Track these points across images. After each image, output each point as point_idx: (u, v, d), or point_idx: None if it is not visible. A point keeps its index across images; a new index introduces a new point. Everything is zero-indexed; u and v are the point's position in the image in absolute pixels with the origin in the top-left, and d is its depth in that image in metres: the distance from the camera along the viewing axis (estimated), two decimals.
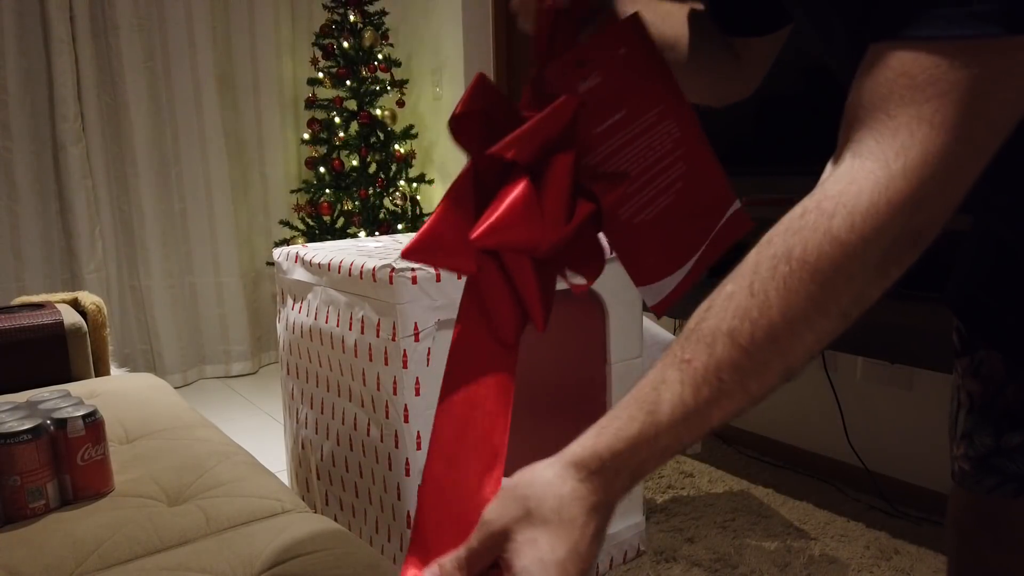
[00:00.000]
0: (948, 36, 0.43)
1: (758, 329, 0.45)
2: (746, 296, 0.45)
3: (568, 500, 0.46)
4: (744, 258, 0.48)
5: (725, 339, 0.45)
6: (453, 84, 3.23)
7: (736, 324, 0.45)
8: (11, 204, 3.00)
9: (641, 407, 0.47)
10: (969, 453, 0.76)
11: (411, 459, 1.44)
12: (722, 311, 0.46)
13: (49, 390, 1.33)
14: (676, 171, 0.62)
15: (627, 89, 0.60)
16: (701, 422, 0.46)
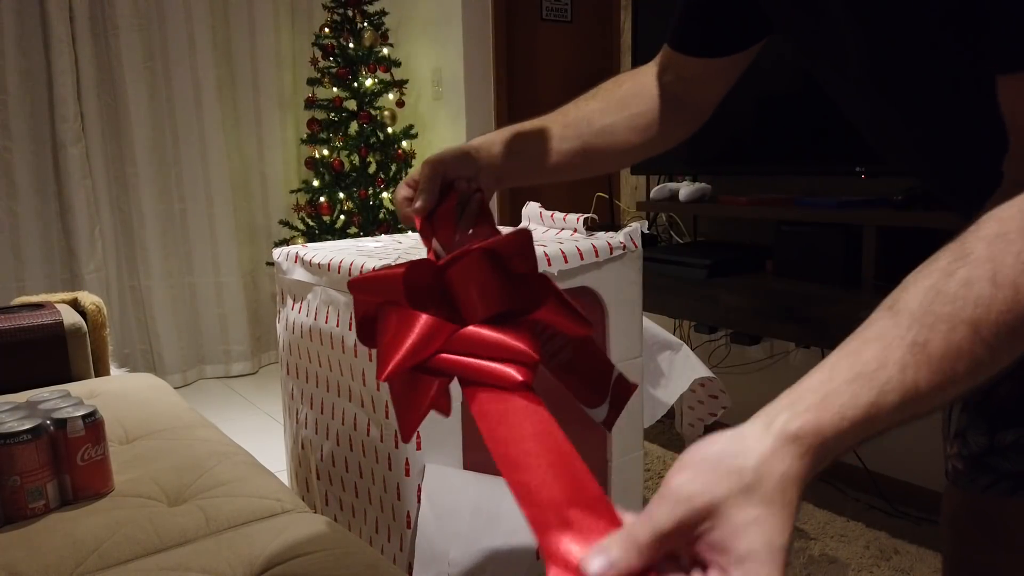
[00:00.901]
0: None
1: (1003, 324, 0.43)
2: (989, 287, 0.43)
3: (790, 480, 0.40)
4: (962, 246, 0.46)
5: (966, 328, 0.43)
6: (453, 84, 3.23)
7: (980, 314, 0.43)
8: (11, 204, 3.01)
9: (868, 386, 0.43)
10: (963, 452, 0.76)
11: (411, 459, 1.44)
12: (959, 299, 0.43)
13: (49, 390, 1.33)
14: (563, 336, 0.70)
15: None
16: (919, 409, 0.44)
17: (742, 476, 0.40)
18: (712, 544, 0.39)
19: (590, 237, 1.69)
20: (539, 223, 1.87)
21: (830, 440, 0.42)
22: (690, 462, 0.41)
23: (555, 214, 1.80)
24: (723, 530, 0.39)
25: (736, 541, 0.38)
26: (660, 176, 2.50)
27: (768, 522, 0.39)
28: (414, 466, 1.45)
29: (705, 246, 2.36)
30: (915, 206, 1.68)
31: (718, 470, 0.40)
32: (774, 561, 0.38)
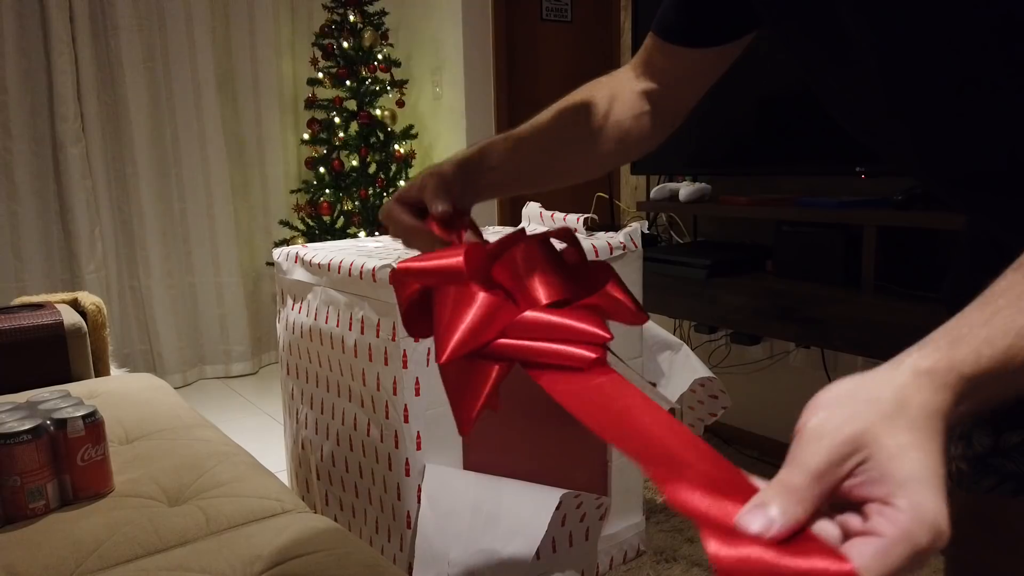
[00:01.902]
0: None
1: None
2: None
3: (932, 410, 0.37)
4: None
5: None
6: (453, 84, 3.23)
7: None
8: (11, 204, 3.01)
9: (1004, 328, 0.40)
10: (967, 453, 0.76)
11: (411, 459, 1.44)
12: None
13: (49, 390, 1.33)
14: None
15: None
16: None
17: (881, 405, 0.37)
18: (868, 476, 0.36)
19: (590, 237, 1.69)
20: (539, 223, 1.87)
21: (969, 378, 0.39)
22: (822, 402, 0.38)
23: (555, 214, 1.80)
24: (878, 458, 0.36)
25: (894, 466, 0.36)
26: (660, 176, 2.50)
27: (924, 446, 0.36)
28: (414, 466, 1.45)
29: (705, 246, 2.36)
30: (915, 206, 1.68)
31: (855, 402, 0.37)
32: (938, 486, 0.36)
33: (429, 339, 0.60)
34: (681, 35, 0.77)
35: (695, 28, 0.76)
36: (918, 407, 0.37)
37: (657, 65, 0.80)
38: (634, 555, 1.80)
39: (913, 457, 0.36)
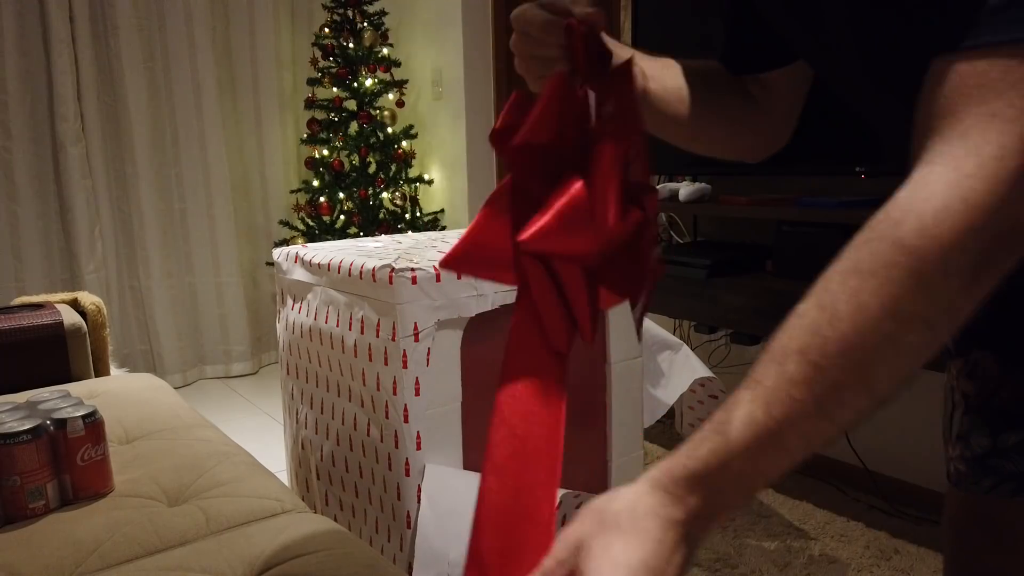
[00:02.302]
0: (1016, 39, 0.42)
1: (829, 343, 0.43)
2: (816, 312, 0.44)
3: (643, 512, 0.45)
4: None
5: (795, 356, 0.44)
6: (453, 84, 3.23)
7: (807, 340, 0.43)
8: (11, 204, 3.01)
9: (713, 428, 0.45)
10: (965, 454, 0.76)
11: (411, 459, 1.44)
12: (793, 329, 0.45)
13: (49, 390, 1.33)
14: None
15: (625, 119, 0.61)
16: (776, 445, 0.44)
17: (603, 515, 0.45)
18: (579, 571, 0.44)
19: None
20: None
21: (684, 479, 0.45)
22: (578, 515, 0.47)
23: None
24: (585, 558, 0.44)
25: (590, 565, 0.43)
26: (660, 176, 2.50)
27: (615, 545, 0.44)
28: (414, 466, 1.45)
29: (705, 246, 2.36)
30: None
31: (590, 515, 0.46)
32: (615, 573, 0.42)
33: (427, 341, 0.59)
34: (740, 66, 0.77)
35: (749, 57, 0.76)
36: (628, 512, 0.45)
37: None
38: None
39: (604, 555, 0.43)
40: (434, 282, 1.42)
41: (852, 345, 0.43)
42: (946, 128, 0.44)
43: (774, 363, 0.44)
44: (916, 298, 0.42)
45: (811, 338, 0.43)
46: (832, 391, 0.43)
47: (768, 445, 0.44)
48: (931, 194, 0.42)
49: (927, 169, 0.43)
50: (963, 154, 0.42)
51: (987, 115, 0.42)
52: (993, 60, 0.43)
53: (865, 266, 0.43)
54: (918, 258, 0.42)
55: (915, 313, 0.42)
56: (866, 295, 0.42)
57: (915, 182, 0.44)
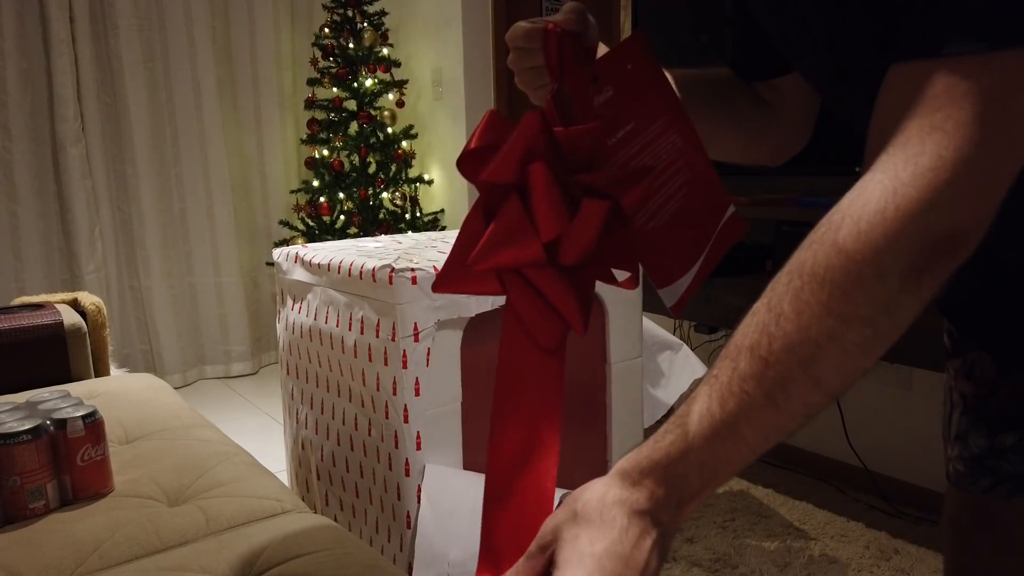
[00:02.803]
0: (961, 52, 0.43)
1: (775, 340, 0.46)
2: (765, 312, 0.47)
3: (609, 503, 0.47)
4: None
5: (746, 353, 0.46)
6: (453, 84, 3.23)
7: (756, 338, 0.46)
8: (11, 204, 3.01)
9: (675, 421, 0.48)
10: (964, 454, 0.76)
11: (411, 459, 1.44)
12: (746, 328, 0.47)
13: (49, 390, 1.33)
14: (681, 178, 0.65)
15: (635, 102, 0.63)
16: (733, 436, 0.46)
17: (574, 507, 0.48)
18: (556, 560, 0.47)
19: None
20: None
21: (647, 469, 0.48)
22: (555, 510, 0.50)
23: None
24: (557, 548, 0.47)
25: (561, 553, 0.46)
26: None
27: (582, 536, 0.46)
28: (414, 466, 1.45)
29: None
30: None
31: (565, 506, 0.49)
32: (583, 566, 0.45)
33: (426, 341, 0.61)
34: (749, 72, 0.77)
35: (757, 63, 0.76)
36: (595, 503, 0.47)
37: None
38: None
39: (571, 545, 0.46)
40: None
41: (795, 342, 0.45)
42: (890, 137, 0.46)
43: (728, 359, 0.47)
44: (852, 298, 0.44)
45: (759, 336, 0.46)
46: (780, 385, 0.45)
47: (725, 436, 0.46)
48: (867, 200, 0.45)
49: (869, 177, 0.46)
50: (901, 163, 0.44)
51: (927, 127, 0.44)
52: (938, 73, 0.44)
53: (807, 268, 0.46)
54: (853, 260, 0.44)
55: (852, 312, 0.44)
56: (807, 295, 0.45)
57: (856, 189, 0.46)
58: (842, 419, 2.13)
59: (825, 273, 0.45)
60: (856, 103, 0.60)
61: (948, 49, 0.44)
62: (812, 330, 0.45)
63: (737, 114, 0.77)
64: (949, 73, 0.44)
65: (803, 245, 0.47)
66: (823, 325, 0.45)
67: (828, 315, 0.45)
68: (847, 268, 0.44)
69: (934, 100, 0.44)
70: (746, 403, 0.46)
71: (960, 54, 0.44)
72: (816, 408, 0.46)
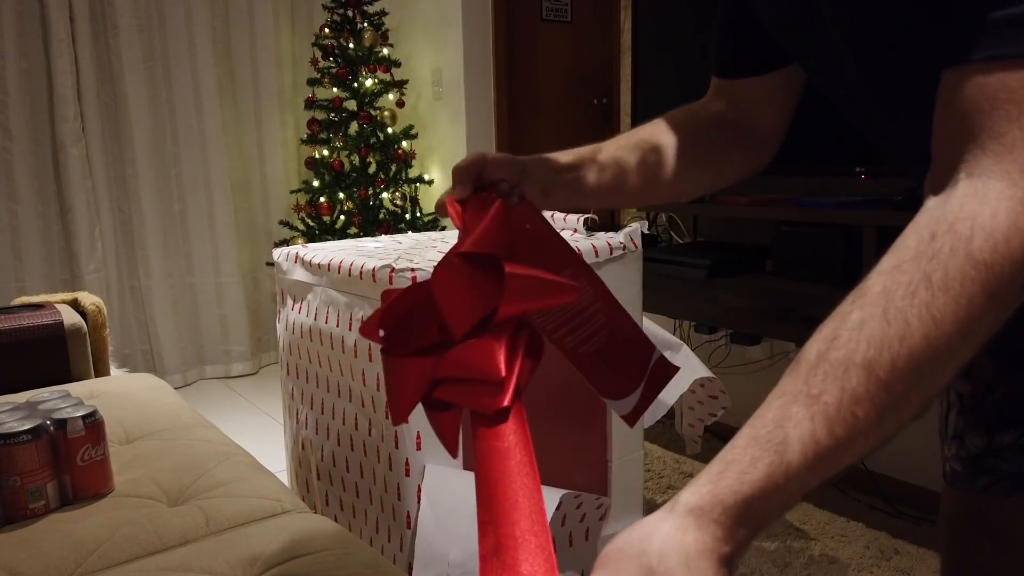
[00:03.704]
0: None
1: (899, 359, 0.42)
2: (881, 324, 0.42)
3: (694, 553, 0.41)
4: (863, 284, 0.45)
5: (860, 371, 0.42)
6: (453, 84, 3.23)
7: (873, 354, 0.42)
8: (11, 204, 3.01)
9: (765, 448, 0.42)
10: (961, 453, 0.76)
11: (411, 459, 1.44)
12: (852, 341, 0.43)
13: (49, 390, 1.33)
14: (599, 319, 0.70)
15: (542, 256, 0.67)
16: (832, 464, 0.42)
17: (643, 559, 0.41)
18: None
19: (590, 237, 1.69)
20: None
21: (732, 507, 0.42)
22: (604, 559, 0.43)
23: (555, 214, 1.80)
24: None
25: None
26: None
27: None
28: (414, 466, 1.45)
29: (705, 246, 2.36)
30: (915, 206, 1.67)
31: (623, 559, 0.42)
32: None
33: None
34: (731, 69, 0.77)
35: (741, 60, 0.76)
36: (677, 552, 0.41)
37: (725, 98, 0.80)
38: None
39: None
40: None
41: (922, 361, 0.42)
42: (988, 141, 0.43)
43: (834, 376, 0.42)
44: (986, 314, 0.42)
45: (879, 353, 0.42)
46: (895, 408, 0.42)
47: (825, 465, 0.42)
48: (996, 211, 0.42)
49: (983, 183, 0.43)
50: (1016, 170, 0.42)
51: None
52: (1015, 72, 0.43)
53: (937, 279, 0.42)
54: (993, 275, 0.41)
55: (981, 328, 0.42)
56: (939, 309, 0.41)
57: (974, 195, 0.43)
58: None
59: (963, 287, 0.41)
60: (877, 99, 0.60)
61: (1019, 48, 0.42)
62: (941, 348, 0.42)
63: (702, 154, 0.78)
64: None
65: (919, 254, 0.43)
66: (951, 342, 0.42)
67: (959, 332, 0.42)
68: (986, 283, 0.41)
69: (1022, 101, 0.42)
70: (856, 429, 0.42)
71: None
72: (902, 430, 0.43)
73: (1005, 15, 0.43)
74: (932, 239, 0.43)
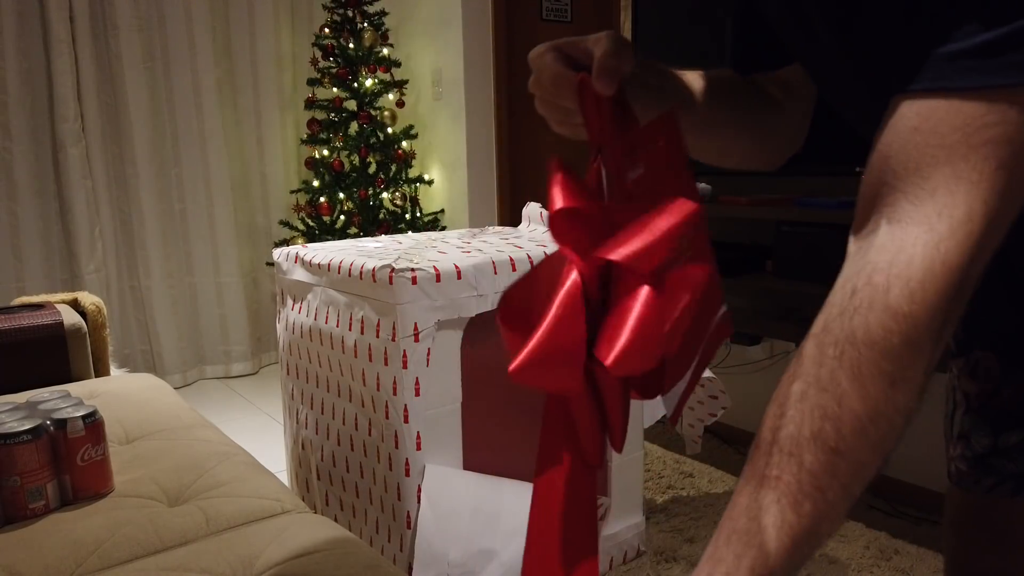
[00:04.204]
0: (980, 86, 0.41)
1: (843, 424, 0.42)
2: (818, 392, 0.42)
3: None
4: (800, 348, 0.45)
5: (811, 445, 0.42)
6: (453, 84, 3.23)
7: (819, 426, 0.42)
8: (11, 204, 3.00)
9: (745, 541, 0.42)
10: (967, 453, 0.76)
11: (411, 459, 1.44)
12: (799, 414, 0.43)
13: (49, 390, 1.33)
14: None
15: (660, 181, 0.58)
16: (812, 539, 0.42)
17: None
18: None
19: None
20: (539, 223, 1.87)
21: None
22: None
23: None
24: None
25: None
26: None
27: None
28: (414, 466, 1.45)
29: None
30: None
31: None
32: None
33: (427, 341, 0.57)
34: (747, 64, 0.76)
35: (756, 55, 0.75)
36: None
37: None
38: (634, 555, 1.80)
39: None
40: (434, 282, 1.42)
41: (865, 422, 0.41)
42: (910, 186, 0.43)
43: (786, 455, 0.42)
44: (913, 363, 0.42)
45: (822, 423, 0.42)
46: (853, 472, 0.42)
47: (805, 543, 0.42)
48: (912, 257, 0.42)
49: (900, 230, 0.43)
50: (935, 215, 0.42)
51: (953, 177, 0.42)
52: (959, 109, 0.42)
53: (860, 336, 0.42)
54: (911, 324, 0.41)
55: (913, 376, 0.42)
56: (867, 366, 0.41)
57: (891, 243, 0.43)
58: None
59: (885, 340, 0.41)
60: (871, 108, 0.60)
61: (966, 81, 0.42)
62: (879, 403, 0.41)
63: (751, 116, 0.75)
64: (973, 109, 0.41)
65: (842, 312, 0.43)
66: (887, 396, 0.41)
67: (891, 384, 0.41)
68: (905, 333, 0.41)
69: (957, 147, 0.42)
70: (824, 502, 0.42)
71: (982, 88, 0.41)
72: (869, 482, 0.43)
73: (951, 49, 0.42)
74: (852, 295, 0.43)
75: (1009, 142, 0.41)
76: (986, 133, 0.41)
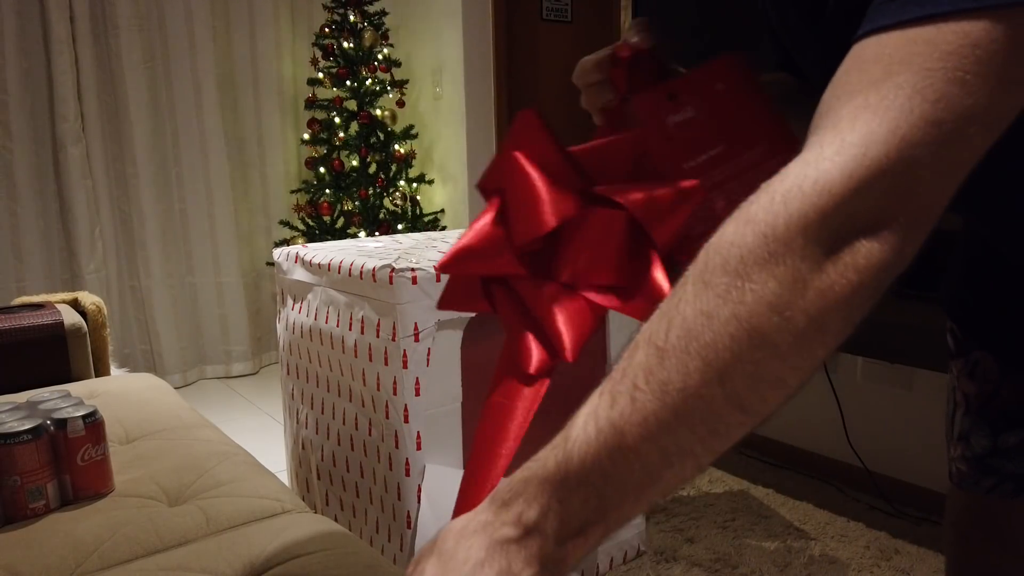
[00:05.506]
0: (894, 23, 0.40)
1: (673, 327, 0.40)
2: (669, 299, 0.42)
3: (469, 532, 0.42)
4: None
5: (643, 344, 0.41)
6: (453, 84, 3.23)
7: (655, 326, 0.41)
8: (11, 204, 3.00)
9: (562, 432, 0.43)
10: (966, 454, 0.76)
11: (411, 459, 1.44)
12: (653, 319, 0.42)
13: (49, 390, 1.33)
14: None
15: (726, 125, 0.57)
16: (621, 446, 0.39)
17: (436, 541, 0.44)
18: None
19: None
20: None
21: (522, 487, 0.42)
22: None
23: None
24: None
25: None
26: None
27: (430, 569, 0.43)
28: (414, 466, 1.45)
29: None
30: None
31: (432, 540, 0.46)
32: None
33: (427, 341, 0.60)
34: None
35: None
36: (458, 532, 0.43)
37: None
38: (634, 555, 1.80)
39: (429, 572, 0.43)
40: (434, 282, 1.42)
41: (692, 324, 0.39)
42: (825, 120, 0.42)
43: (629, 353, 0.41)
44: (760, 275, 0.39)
45: (659, 322, 0.41)
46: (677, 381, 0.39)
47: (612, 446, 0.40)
48: (785, 175, 0.40)
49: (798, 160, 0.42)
50: (828, 140, 0.40)
51: (861, 106, 0.40)
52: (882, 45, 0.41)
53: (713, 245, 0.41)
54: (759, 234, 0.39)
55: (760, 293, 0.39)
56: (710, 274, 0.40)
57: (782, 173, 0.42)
58: (842, 419, 2.13)
59: (730, 248, 0.39)
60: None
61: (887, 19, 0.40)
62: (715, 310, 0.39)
63: None
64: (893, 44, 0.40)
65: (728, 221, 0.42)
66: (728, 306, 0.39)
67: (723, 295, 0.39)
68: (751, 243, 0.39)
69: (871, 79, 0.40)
70: (637, 402, 0.39)
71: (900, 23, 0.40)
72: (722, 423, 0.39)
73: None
74: None
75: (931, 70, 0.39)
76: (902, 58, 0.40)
